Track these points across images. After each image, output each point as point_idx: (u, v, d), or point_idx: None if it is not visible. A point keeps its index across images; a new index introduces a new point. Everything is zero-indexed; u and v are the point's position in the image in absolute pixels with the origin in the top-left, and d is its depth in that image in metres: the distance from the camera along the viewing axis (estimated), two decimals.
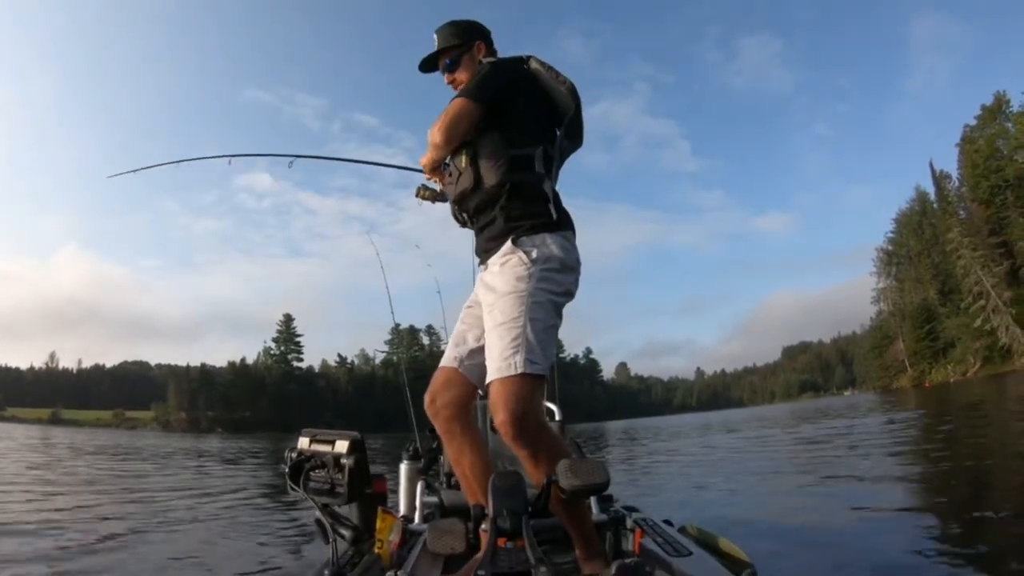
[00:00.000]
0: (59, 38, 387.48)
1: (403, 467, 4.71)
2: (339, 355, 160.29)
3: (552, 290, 2.90)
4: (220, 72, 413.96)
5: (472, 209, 3.07)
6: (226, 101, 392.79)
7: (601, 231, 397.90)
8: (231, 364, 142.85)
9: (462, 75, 3.33)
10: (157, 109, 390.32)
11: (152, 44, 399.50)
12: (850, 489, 8.79)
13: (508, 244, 2.91)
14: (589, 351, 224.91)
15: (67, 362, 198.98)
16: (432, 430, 4.81)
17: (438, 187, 3.51)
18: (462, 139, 3.03)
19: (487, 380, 2.78)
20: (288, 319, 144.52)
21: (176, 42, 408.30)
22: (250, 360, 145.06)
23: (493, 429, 4.70)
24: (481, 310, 3.04)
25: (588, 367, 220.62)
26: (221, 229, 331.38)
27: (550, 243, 2.94)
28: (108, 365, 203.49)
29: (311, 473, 2.97)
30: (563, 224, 3.06)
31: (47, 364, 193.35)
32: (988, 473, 9.01)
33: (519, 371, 2.67)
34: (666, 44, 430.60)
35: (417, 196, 3.63)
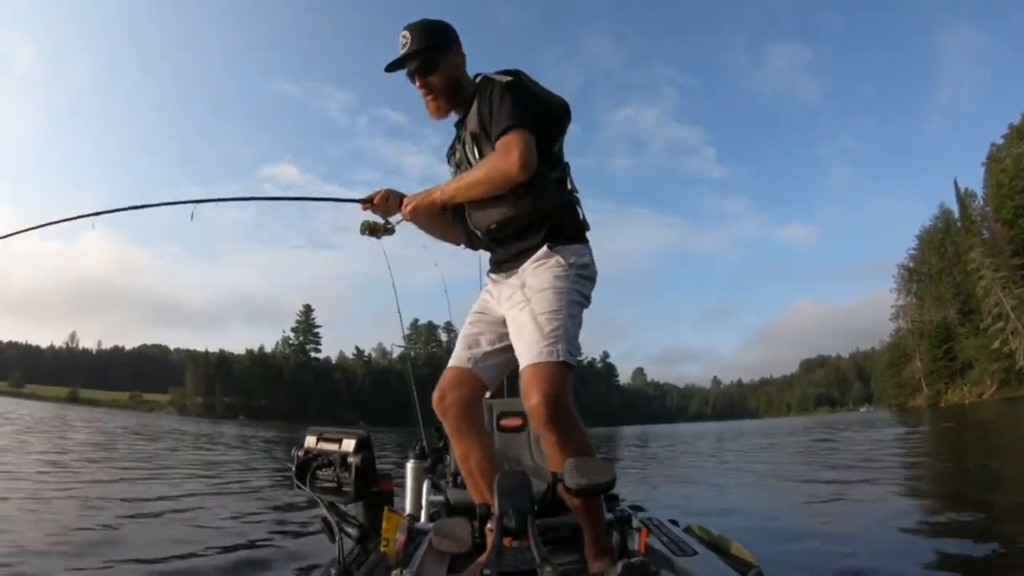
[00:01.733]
0: (98, 21, 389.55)
1: (409, 466, 4.71)
2: (357, 348, 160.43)
3: (583, 293, 2.99)
4: (251, 63, 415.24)
5: (514, 231, 3.04)
6: (255, 92, 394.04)
7: (624, 235, 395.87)
8: (249, 352, 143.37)
9: (440, 79, 3.14)
10: (185, 96, 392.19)
11: (184, 30, 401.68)
12: (860, 496, 8.94)
13: (545, 249, 2.94)
14: (606, 355, 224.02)
15: (87, 343, 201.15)
16: (439, 428, 4.82)
17: (392, 221, 3.43)
18: None
19: (522, 366, 2.81)
20: (308, 310, 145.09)
21: (208, 31, 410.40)
22: (268, 349, 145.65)
23: (499, 429, 4.84)
24: (493, 316, 3.14)
25: (604, 371, 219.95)
26: (245, 218, 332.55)
27: (582, 252, 3.03)
28: (127, 347, 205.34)
29: (318, 472, 3.02)
30: (586, 237, 3.13)
31: (67, 344, 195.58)
32: (997, 488, 9.11)
33: (560, 359, 2.74)
34: (694, 49, 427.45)
35: (368, 234, 3.46)
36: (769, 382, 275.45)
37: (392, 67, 3.17)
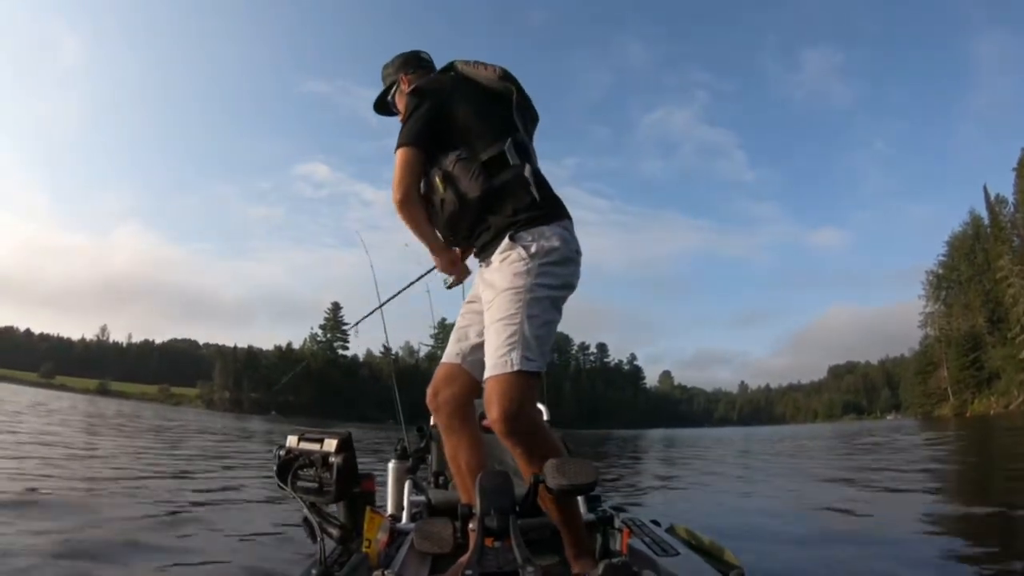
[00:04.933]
0: (139, 16, 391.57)
1: (391, 466, 4.71)
2: (384, 345, 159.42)
3: (551, 284, 2.88)
4: (284, 62, 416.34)
5: (466, 228, 3.03)
6: (288, 91, 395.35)
7: (655, 237, 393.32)
8: (277, 348, 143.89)
9: (402, 112, 3.22)
10: (221, 93, 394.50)
11: (221, 29, 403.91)
12: (855, 500, 9.06)
13: (506, 240, 2.88)
14: (633, 357, 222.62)
15: (118, 336, 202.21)
16: (420, 428, 4.91)
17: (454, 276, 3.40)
18: (417, 185, 3.03)
19: (484, 377, 2.79)
20: (336, 307, 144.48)
21: (244, 30, 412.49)
22: (296, 345, 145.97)
23: (484, 429, 5.02)
24: (482, 306, 3.04)
25: (631, 373, 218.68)
26: (275, 216, 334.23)
27: (548, 235, 2.91)
28: (157, 341, 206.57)
29: (299, 471, 2.99)
30: (560, 213, 3.05)
31: (98, 336, 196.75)
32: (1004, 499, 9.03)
33: (515, 368, 2.68)
34: (726, 52, 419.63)
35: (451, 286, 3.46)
36: (797, 387, 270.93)
37: (380, 109, 3.60)
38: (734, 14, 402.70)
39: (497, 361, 2.73)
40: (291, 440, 3.15)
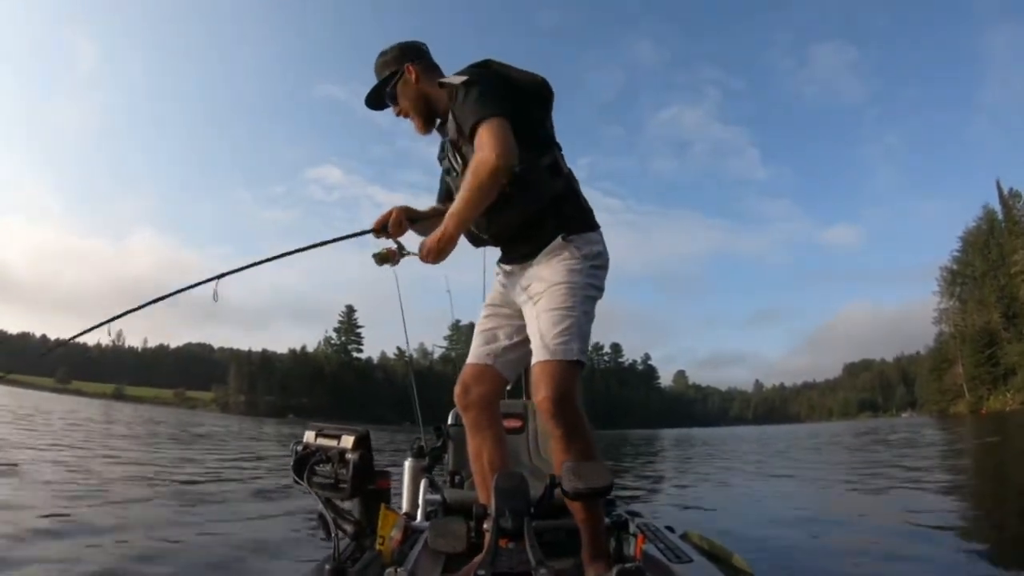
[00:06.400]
0: (153, 22, 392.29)
1: (407, 464, 4.69)
2: (398, 348, 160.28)
3: (596, 285, 2.98)
4: (298, 66, 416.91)
5: (518, 230, 3.03)
6: (302, 95, 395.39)
7: (669, 237, 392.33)
8: (291, 351, 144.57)
9: (404, 103, 3.20)
10: (234, 99, 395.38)
11: (232, 32, 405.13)
12: (867, 506, 8.99)
13: (559, 240, 2.93)
14: (647, 357, 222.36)
15: (133, 340, 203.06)
16: (438, 428, 4.87)
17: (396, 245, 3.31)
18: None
19: (533, 361, 2.81)
20: (350, 310, 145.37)
21: (257, 34, 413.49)
22: (311, 349, 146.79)
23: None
24: (509, 309, 3.16)
25: (645, 373, 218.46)
26: (288, 219, 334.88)
27: (595, 240, 3.01)
28: (172, 346, 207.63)
29: (316, 467, 2.99)
30: (597, 223, 3.12)
31: (113, 341, 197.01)
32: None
33: (574, 357, 2.74)
34: (737, 50, 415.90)
35: (384, 264, 3.34)
36: (812, 386, 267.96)
37: (373, 102, 3.35)
38: (744, 11, 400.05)
39: (556, 348, 2.76)
40: (308, 436, 3.15)
